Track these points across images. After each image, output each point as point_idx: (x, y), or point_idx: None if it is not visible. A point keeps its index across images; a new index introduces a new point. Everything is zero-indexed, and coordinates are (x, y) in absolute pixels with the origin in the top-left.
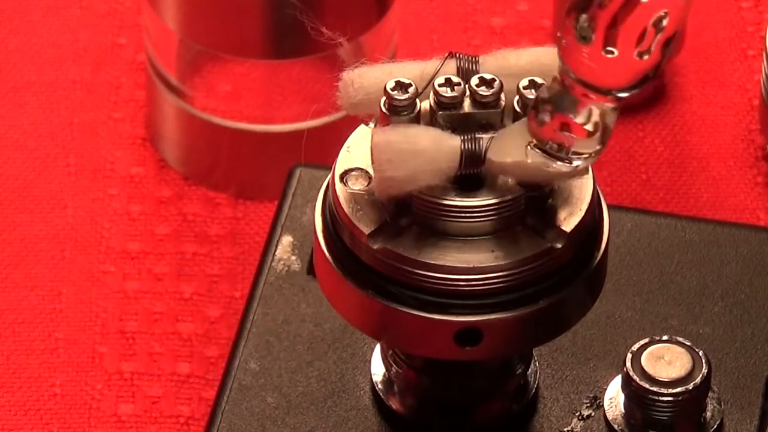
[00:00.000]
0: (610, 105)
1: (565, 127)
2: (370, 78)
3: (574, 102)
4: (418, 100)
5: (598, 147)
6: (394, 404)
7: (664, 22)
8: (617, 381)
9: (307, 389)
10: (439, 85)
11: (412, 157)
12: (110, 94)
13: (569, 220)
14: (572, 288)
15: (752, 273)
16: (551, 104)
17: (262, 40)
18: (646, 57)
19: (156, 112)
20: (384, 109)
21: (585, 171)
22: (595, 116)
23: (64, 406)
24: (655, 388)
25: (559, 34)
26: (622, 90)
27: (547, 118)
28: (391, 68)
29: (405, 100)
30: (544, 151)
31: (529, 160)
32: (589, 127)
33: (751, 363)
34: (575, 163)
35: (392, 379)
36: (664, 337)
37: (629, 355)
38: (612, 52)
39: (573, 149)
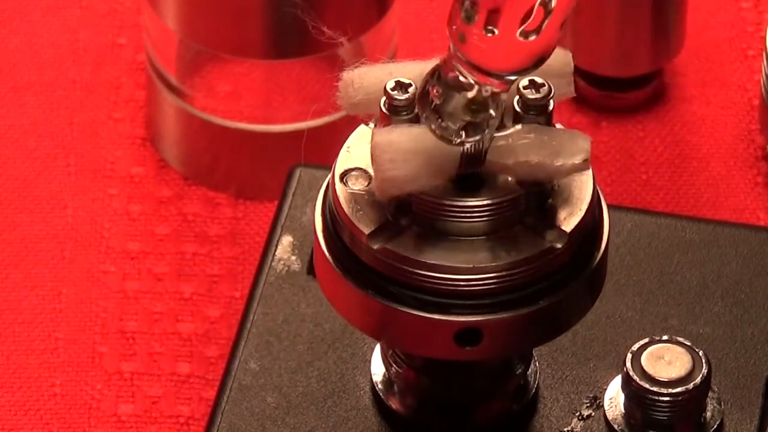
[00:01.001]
0: (497, 89)
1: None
2: (370, 78)
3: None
4: None
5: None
6: (394, 404)
7: (553, 3)
8: (617, 381)
9: (307, 389)
10: None
11: (412, 157)
12: (110, 94)
13: (569, 220)
14: (572, 288)
15: (752, 273)
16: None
17: (262, 40)
18: (533, 38)
19: (156, 112)
20: (384, 109)
21: (585, 167)
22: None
23: (64, 406)
24: (655, 388)
25: (450, 17)
26: (511, 72)
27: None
28: (391, 68)
29: (405, 100)
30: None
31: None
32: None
33: (751, 363)
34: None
35: (392, 379)
36: (664, 337)
37: (629, 355)
38: (492, 32)
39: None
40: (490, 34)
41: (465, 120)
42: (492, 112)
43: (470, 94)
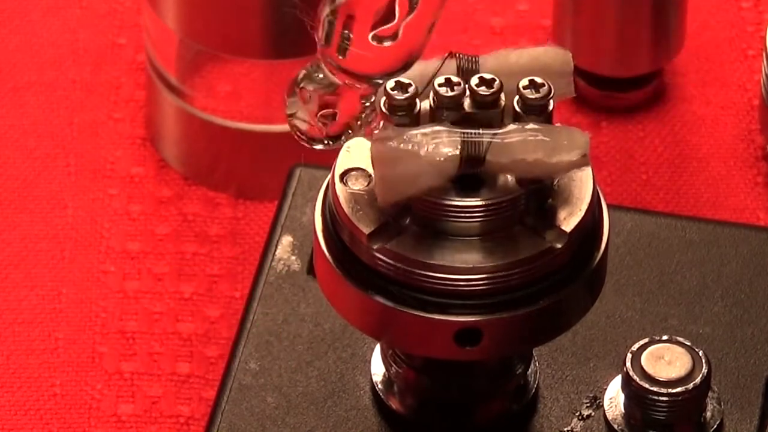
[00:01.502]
0: (363, 92)
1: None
2: None
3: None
4: (418, 100)
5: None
6: (394, 404)
7: (414, 7)
8: (617, 381)
9: (307, 389)
10: (439, 85)
11: (412, 159)
12: (110, 94)
13: (569, 220)
14: (572, 288)
15: (752, 273)
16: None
17: (262, 40)
18: (388, 43)
19: (156, 112)
20: (384, 109)
21: (584, 163)
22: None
23: (64, 406)
24: (654, 388)
25: (317, 18)
26: (373, 76)
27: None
28: None
29: (405, 100)
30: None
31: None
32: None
33: (751, 363)
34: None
35: (392, 379)
36: (664, 337)
37: (629, 355)
38: (348, 37)
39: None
40: (346, 41)
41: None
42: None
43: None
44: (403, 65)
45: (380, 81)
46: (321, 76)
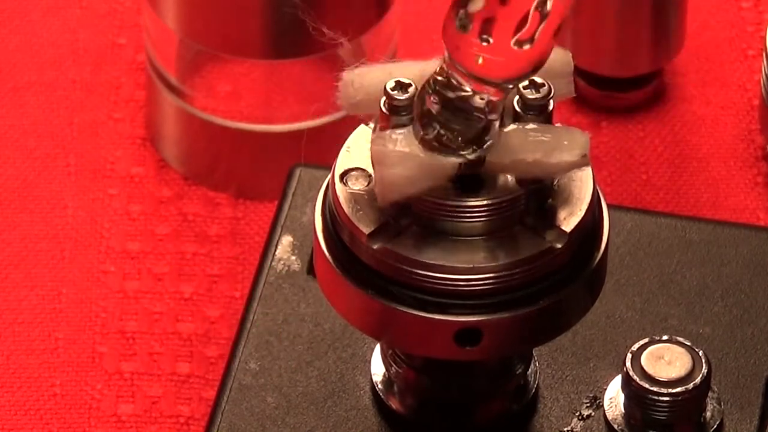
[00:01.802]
0: (494, 98)
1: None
2: (370, 78)
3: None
4: None
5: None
6: (394, 404)
7: (548, 8)
8: (617, 381)
9: (307, 389)
10: None
11: (412, 161)
12: (110, 94)
13: (569, 220)
14: (572, 288)
15: (752, 273)
16: (436, 96)
17: (262, 40)
18: (527, 47)
19: (156, 112)
20: (384, 109)
21: (584, 163)
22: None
23: (64, 406)
24: (654, 388)
25: (444, 25)
26: (506, 80)
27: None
28: (391, 68)
29: (405, 100)
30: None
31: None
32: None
33: (751, 363)
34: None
35: (392, 379)
36: (664, 337)
37: (629, 355)
38: (488, 41)
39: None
40: (485, 43)
41: (462, 131)
42: (491, 118)
43: (470, 102)
44: (533, 69)
45: (509, 86)
46: (452, 83)
